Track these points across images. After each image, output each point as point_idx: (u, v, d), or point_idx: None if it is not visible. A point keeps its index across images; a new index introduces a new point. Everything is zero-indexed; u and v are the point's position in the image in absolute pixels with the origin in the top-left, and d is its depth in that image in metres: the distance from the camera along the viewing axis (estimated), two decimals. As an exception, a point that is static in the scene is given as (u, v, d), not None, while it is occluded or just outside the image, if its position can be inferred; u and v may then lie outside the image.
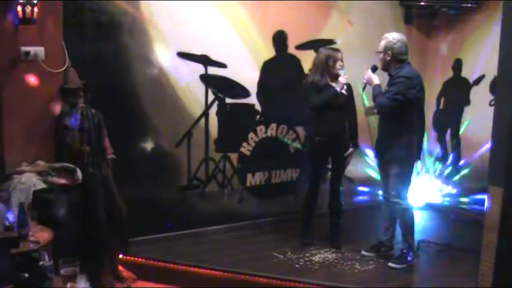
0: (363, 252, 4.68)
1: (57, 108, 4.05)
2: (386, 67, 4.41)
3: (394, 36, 4.35)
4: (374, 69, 4.46)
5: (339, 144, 4.69)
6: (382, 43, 4.37)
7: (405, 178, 4.43)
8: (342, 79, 4.54)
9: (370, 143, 5.33)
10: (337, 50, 4.64)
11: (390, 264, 4.48)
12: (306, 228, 4.90)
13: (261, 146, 5.42)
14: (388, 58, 4.35)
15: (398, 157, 4.35)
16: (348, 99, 4.67)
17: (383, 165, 4.54)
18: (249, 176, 5.41)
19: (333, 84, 4.56)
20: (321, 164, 4.83)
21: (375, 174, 4.99)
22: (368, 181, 5.82)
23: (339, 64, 4.57)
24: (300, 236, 4.90)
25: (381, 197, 4.82)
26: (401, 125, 4.35)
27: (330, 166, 4.90)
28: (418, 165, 5.90)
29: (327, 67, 4.57)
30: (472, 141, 5.74)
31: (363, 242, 4.77)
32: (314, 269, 4.40)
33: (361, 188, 5.87)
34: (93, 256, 3.93)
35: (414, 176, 4.68)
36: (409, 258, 4.45)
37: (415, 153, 4.47)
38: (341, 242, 4.79)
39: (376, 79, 4.41)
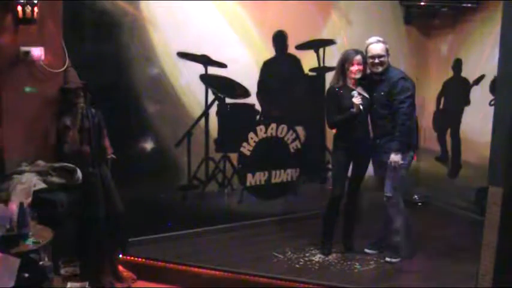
0: (366, 250, 4.68)
1: (57, 108, 4.05)
2: (385, 69, 4.42)
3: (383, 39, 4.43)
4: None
5: (361, 150, 4.53)
6: (382, 46, 4.38)
7: (401, 173, 4.43)
8: (355, 100, 4.32)
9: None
10: (357, 52, 4.40)
11: (387, 259, 4.51)
12: (328, 238, 4.70)
13: (261, 146, 5.42)
14: (388, 59, 4.41)
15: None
16: (369, 102, 4.45)
17: (380, 163, 4.53)
18: (249, 176, 5.41)
19: (354, 91, 4.36)
20: (343, 170, 4.61)
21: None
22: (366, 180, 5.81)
23: (353, 67, 4.37)
24: (320, 246, 4.70)
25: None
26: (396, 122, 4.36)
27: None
28: (418, 164, 5.93)
29: (343, 69, 4.43)
30: (472, 141, 5.73)
31: (362, 242, 4.77)
32: (314, 269, 4.39)
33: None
34: (93, 256, 3.94)
35: (415, 176, 4.67)
36: (401, 251, 4.48)
37: (411, 148, 4.49)
38: (354, 244, 4.74)
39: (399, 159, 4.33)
